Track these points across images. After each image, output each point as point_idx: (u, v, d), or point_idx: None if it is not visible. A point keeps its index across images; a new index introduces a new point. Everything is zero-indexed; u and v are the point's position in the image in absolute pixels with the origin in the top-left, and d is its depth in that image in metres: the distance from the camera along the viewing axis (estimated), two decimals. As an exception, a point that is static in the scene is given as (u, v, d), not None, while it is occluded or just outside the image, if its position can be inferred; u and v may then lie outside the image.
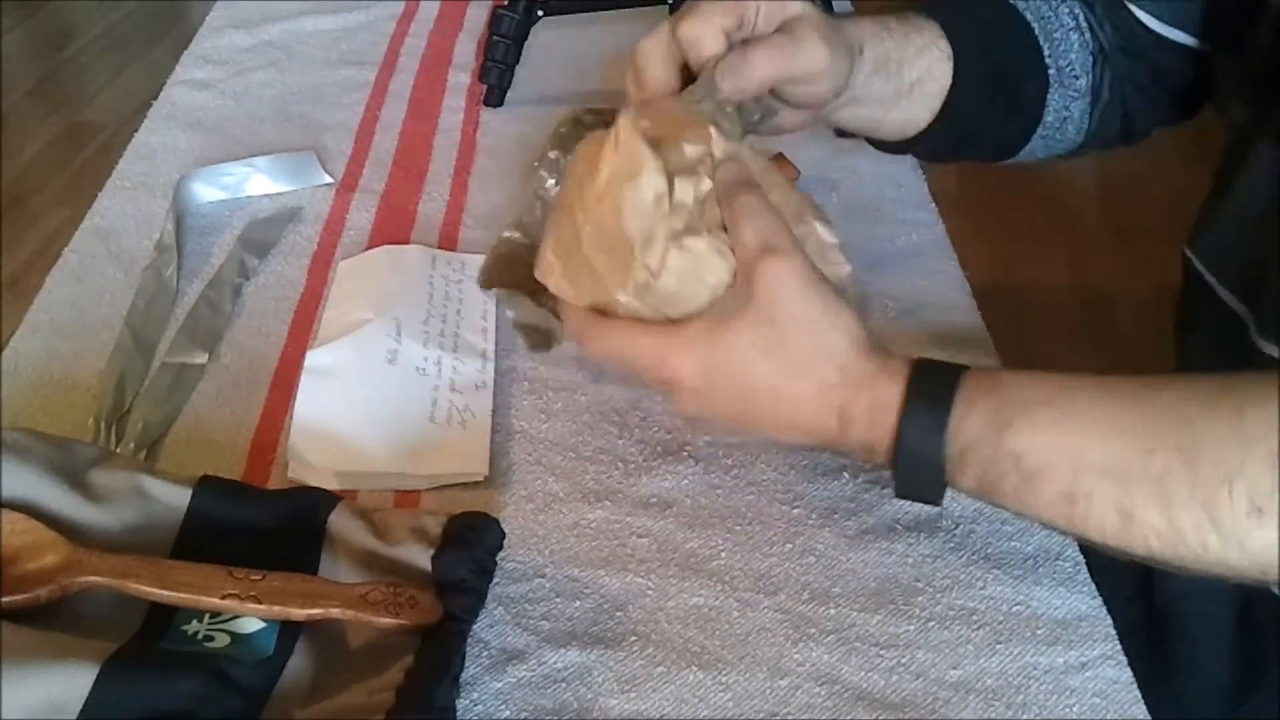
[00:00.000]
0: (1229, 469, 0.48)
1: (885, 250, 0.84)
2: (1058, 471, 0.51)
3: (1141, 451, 0.50)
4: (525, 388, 0.72)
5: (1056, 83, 0.76)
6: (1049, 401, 0.52)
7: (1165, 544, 0.50)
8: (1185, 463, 0.49)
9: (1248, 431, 0.48)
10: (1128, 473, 0.50)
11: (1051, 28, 0.75)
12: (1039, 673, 0.56)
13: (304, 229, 0.86)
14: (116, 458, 0.61)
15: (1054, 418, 0.52)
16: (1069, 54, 0.76)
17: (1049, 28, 0.75)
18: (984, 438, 0.52)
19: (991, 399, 0.53)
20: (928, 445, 0.53)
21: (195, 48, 1.09)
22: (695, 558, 0.62)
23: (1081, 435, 0.51)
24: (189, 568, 0.54)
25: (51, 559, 0.54)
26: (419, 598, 0.53)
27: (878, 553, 0.62)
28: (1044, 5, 0.75)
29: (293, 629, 0.53)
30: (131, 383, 0.71)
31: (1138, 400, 0.51)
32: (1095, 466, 0.51)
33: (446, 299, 0.77)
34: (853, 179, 0.92)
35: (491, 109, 1.00)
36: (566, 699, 0.54)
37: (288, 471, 0.66)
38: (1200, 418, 0.49)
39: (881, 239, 0.85)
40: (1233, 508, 0.48)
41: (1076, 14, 0.75)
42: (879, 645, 0.57)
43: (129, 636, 0.52)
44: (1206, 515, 0.49)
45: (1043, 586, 0.60)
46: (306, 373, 0.71)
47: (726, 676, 0.56)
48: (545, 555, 0.62)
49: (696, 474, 0.66)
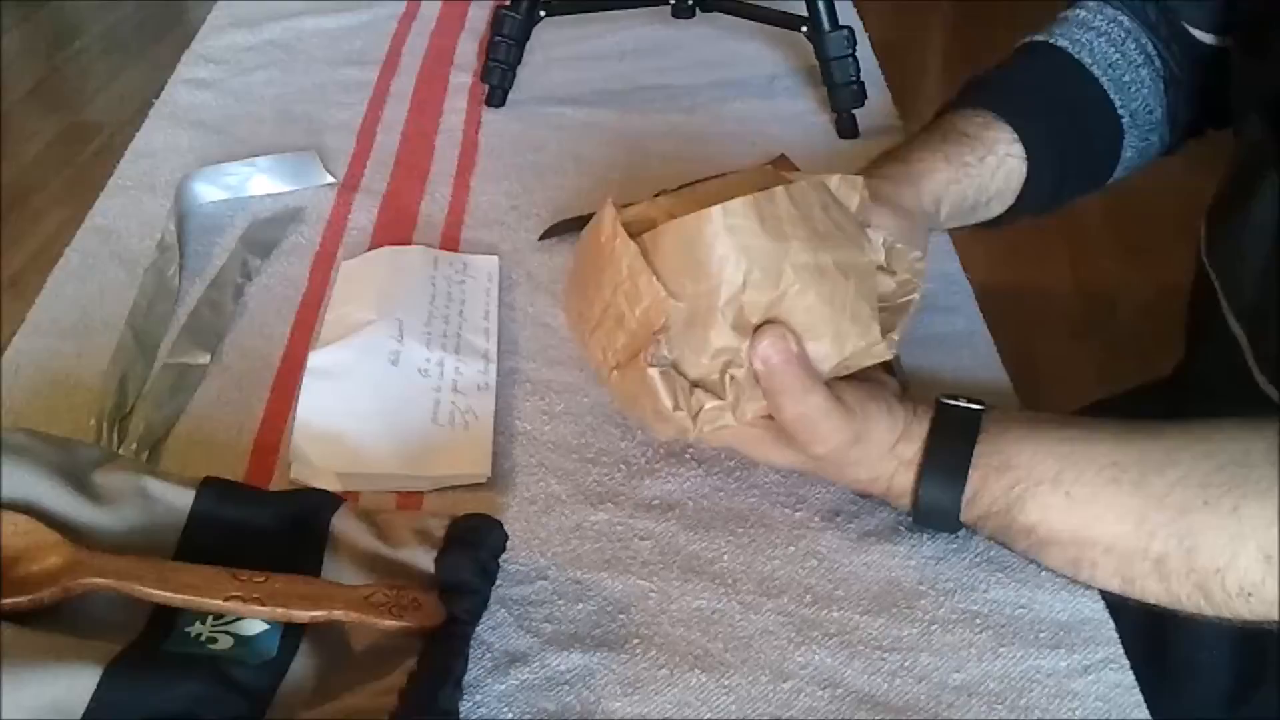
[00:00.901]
0: (1221, 561, 0.53)
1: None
2: (1065, 544, 0.57)
3: (1143, 535, 0.55)
4: (528, 389, 0.72)
5: (1131, 127, 0.78)
6: (1057, 480, 0.57)
7: (1164, 603, 0.55)
8: (1183, 550, 0.54)
9: (1243, 525, 0.53)
10: (1129, 552, 0.55)
11: (1120, 72, 0.76)
12: (1042, 676, 0.56)
13: (306, 229, 0.86)
14: (119, 459, 0.61)
15: (1061, 499, 0.56)
16: (1141, 92, 0.78)
17: (1118, 73, 0.77)
18: (996, 511, 0.58)
19: (1004, 478, 0.57)
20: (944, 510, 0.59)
21: (196, 47, 1.09)
22: (698, 560, 0.61)
23: (1086, 517, 0.56)
24: (192, 569, 0.54)
25: (54, 561, 0.54)
26: (422, 600, 0.53)
27: (880, 555, 0.62)
28: (1112, 50, 0.76)
29: (296, 631, 0.53)
30: (133, 383, 0.71)
31: (1140, 486, 0.55)
32: (1099, 544, 0.56)
33: (449, 300, 0.77)
34: (855, 180, 0.92)
35: (493, 109, 1.00)
36: (569, 701, 0.54)
37: (290, 472, 0.66)
38: (1198, 509, 0.54)
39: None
40: (1224, 590, 0.53)
41: (1144, 44, 0.76)
42: (882, 648, 0.57)
43: (132, 638, 0.52)
44: (1201, 593, 0.54)
45: (1046, 590, 0.60)
46: (309, 374, 0.71)
47: (729, 679, 0.56)
48: (548, 557, 0.61)
49: (699, 476, 0.66)
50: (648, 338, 0.55)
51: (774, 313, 0.55)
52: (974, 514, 0.59)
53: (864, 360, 0.58)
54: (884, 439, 0.59)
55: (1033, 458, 0.57)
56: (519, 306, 0.79)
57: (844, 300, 0.56)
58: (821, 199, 0.57)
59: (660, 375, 0.55)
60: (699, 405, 0.56)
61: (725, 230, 0.54)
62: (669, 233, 0.55)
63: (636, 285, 0.55)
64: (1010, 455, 0.57)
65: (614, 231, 0.56)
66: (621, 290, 0.56)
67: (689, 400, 0.56)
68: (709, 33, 1.09)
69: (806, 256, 0.55)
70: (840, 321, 0.56)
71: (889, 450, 0.59)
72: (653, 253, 0.55)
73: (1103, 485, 0.56)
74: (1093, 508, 0.56)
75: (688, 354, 0.56)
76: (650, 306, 0.55)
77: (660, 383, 0.55)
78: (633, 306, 0.56)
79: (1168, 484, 0.54)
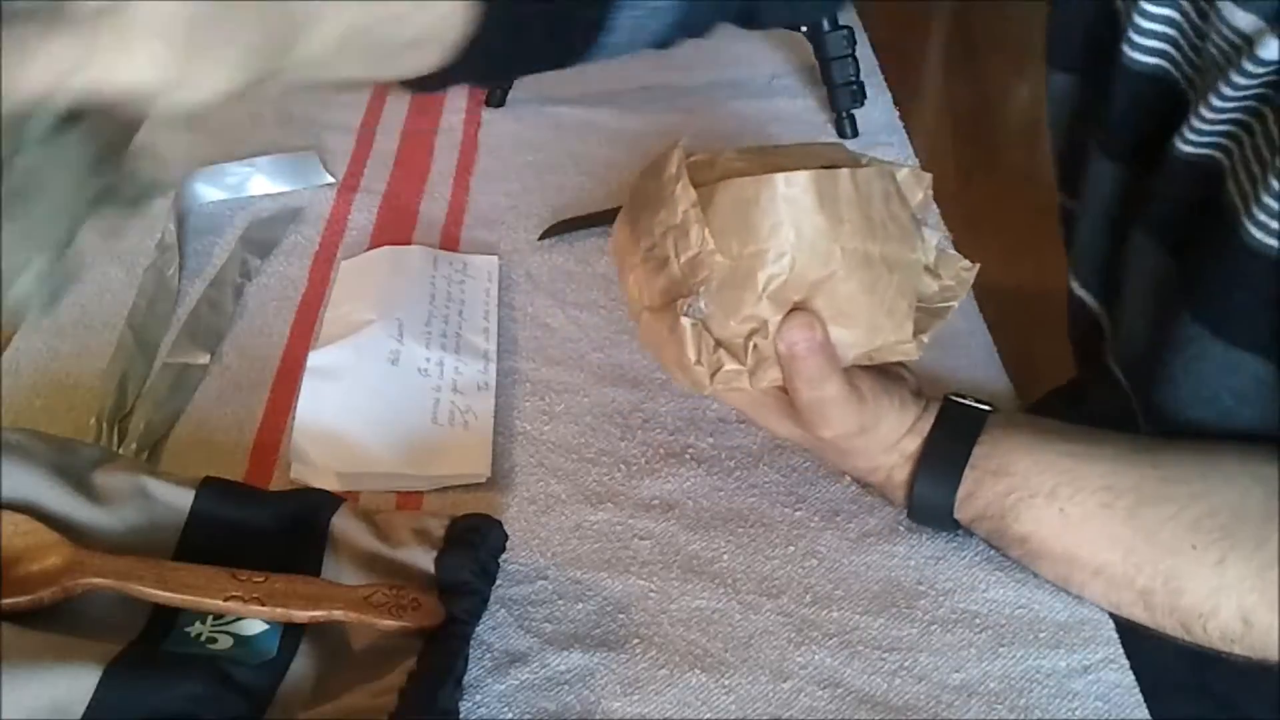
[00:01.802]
0: (1204, 610, 0.53)
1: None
2: (1056, 560, 0.57)
3: (1130, 567, 0.55)
4: (527, 389, 0.72)
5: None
6: (1052, 495, 0.56)
7: (1151, 629, 0.56)
8: (1168, 590, 0.54)
9: (1225, 580, 0.53)
10: (1117, 579, 0.56)
11: None
12: (1042, 676, 0.56)
13: (306, 229, 0.86)
14: (119, 459, 0.61)
15: (1055, 514, 0.56)
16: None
17: None
18: (990, 515, 0.58)
19: (1000, 484, 0.58)
20: (938, 507, 0.60)
21: (196, 47, 1.09)
22: (698, 560, 0.61)
23: (1077, 537, 0.56)
24: (192, 569, 0.54)
25: (54, 561, 0.54)
26: (422, 600, 0.53)
27: (880, 555, 0.62)
28: None
29: (295, 631, 0.53)
30: (133, 383, 0.71)
31: (1133, 516, 0.55)
32: (1088, 568, 0.56)
33: (449, 300, 0.77)
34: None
35: (493, 109, 1.00)
36: (569, 701, 0.54)
37: (290, 472, 0.66)
38: (1186, 552, 0.54)
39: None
40: (1206, 634, 0.54)
41: None
42: (881, 648, 0.57)
43: (132, 638, 0.52)
44: (1184, 630, 0.54)
45: (1045, 590, 0.60)
46: (309, 373, 0.71)
47: (729, 679, 0.56)
48: (548, 557, 0.61)
49: (699, 476, 0.66)
50: (687, 287, 0.56)
51: (814, 291, 0.55)
52: (969, 514, 0.59)
53: (890, 356, 0.58)
54: (890, 433, 0.59)
55: (1030, 468, 0.57)
56: (519, 306, 0.79)
57: (884, 293, 0.56)
58: (885, 188, 0.57)
59: (691, 327, 0.55)
60: (718, 364, 0.56)
61: (783, 200, 0.54)
62: (728, 189, 0.55)
63: (688, 234, 0.55)
64: (1008, 462, 0.57)
65: (678, 174, 0.55)
66: (671, 234, 0.56)
67: (710, 357, 0.56)
68: (709, 33, 1.09)
69: (856, 243, 0.55)
70: (876, 314, 0.56)
71: (893, 445, 0.59)
72: (708, 205, 0.55)
73: (1096, 508, 0.56)
74: (1085, 530, 0.56)
75: (719, 312, 0.56)
76: (697, 257, 0.55)
77: (690, 334, 0.55)
78: (679, 253, 0.55)
79: (1159, 520, 0.54)
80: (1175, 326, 0.58)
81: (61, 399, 0.70)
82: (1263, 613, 0.52)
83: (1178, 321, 0.58)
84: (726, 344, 0.56)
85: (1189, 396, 0.59)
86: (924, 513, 0.61)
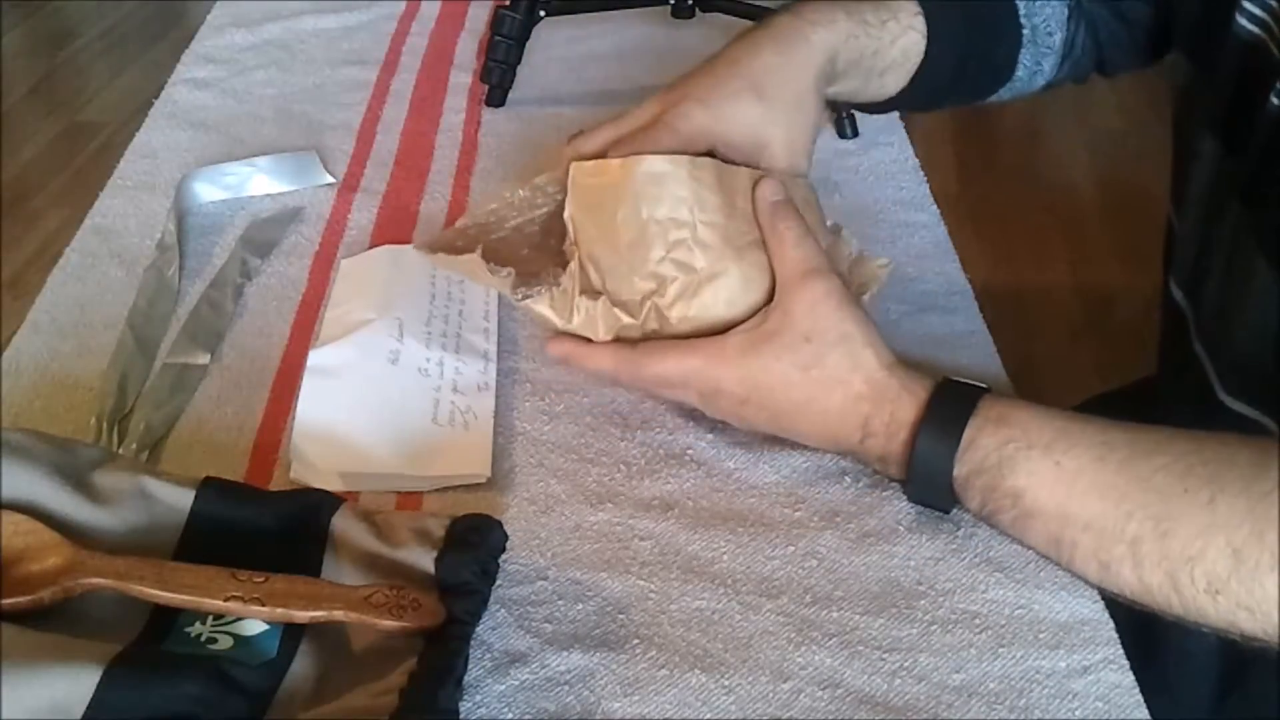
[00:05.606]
0: (1192, 551, 0.53)
1: (886, 252, 0.83)
2: (1048, 518, 0.57)
3: (1121, 515, 0.55)
4: (528, 389, 0.72)
5: (1030, 42, 0.77)
6: (1049, 447, 0.57)
7: (1137, 596, 0.55)
8: (1157, 534, 0.54)
9: (1215, 518, 0.52)
10: (1106, 531, 0.55)
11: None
12: (1042, 676, 0.56)
13: (306, 229, 0.86)
14: (119, 459, 0.61)
15: (1050, 466, 0.56)
16: (1045, 10, 0.77)
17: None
18: (987, 468, 0.58)
19: (1000, 433, 0.58)
20: (938, 465, 0.59)
21: (196, 47, 1.09)
22: (698, 561, 0.61)
23: (1070, 489, 0.56)
24: (192, 570, 0.54)
25: (54, 561, 0.54)
26: (422, 600, 0.53)
27: (880, 556, 0.62)
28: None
29: (296, 631, 0.53)
30: (133, 383, 0.71)
31: (1126, 466, 0.55)
32: (1079, 520, 0.56)
33: (449, 299, 0.77)
34: (854, 181, 0.92)
35: (493, 109, 1.00)
36: (569, 701, 0.54)
37: (290, 472, 0.66)
38: (1177, 496, 0.54)
39: (883, 241, 0.85)
40: (1193, 584, 0.53)
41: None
42: (881, 649, 0.57)
43: (132, 638, 0.52)
44: (1170, 584, 0.54)
45: (1045, 590, 0.60)
46: (309, 373, 0.71)
47: (729, 680, 0.56)
48: (548, 558, 0.61)
49: (699, 477, 0.66)
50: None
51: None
52: (966, 468, 0.58)
53: None
54: (842, 361, 0.61)
55: (1030, 421, 0.58)
56: (519, 306, 0.79)
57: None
58: (745, 186, 0.64)
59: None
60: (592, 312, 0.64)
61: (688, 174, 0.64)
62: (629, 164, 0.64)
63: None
64: (1010, 413, 0.58)
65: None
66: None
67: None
68: (709, 33, 1.09)
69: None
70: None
71: (844, 380, 0.61)
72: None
73: (1090, 460, 0.56)
74: (1078, 481, 0.56)
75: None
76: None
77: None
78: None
79: (1152, 468, 0.55)
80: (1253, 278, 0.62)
81: (61, 399, 0.70)
82: (1253, 546, 0.51)
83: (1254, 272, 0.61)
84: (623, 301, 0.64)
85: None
86: (923, 471, 0.60)
